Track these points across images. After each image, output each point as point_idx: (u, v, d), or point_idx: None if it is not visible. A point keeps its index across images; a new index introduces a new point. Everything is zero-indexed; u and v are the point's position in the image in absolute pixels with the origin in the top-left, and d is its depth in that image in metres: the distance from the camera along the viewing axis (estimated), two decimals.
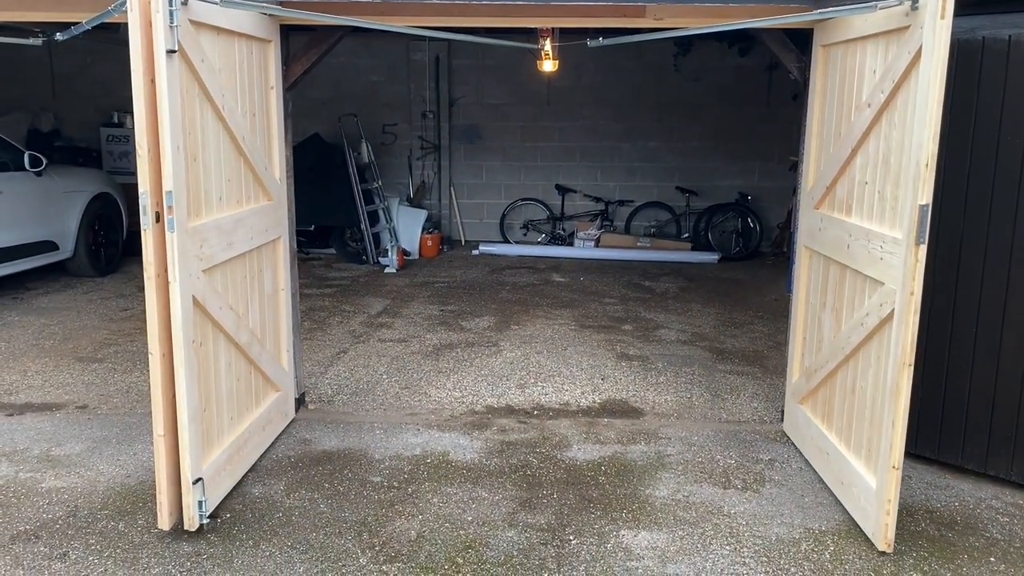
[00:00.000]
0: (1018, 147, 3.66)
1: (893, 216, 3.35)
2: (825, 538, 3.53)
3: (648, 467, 4.23)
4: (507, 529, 3.58)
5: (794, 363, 4.50)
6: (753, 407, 5.16)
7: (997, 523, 3.67)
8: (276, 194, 4.38)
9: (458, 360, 6.02)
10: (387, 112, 10.97)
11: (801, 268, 4.40)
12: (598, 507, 3.79)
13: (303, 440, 4.50)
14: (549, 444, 4.50)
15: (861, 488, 3.55)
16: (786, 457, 4.36)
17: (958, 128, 3.79)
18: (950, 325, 3.94)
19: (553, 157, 11.07)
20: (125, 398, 5.15)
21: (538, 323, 7.10)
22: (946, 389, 4.01)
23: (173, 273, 3.25)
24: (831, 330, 4.00)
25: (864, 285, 3.61)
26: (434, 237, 10.39)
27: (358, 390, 5.37)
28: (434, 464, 4.23)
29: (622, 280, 9.01)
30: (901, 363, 3.22)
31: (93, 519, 3.62)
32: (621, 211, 11.00)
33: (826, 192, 4.07)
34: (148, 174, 3.18)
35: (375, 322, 7.11)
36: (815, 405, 4.21)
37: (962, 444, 4.04)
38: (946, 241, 3.88)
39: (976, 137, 3.75)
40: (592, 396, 5.31)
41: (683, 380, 5.66)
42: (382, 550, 3.40)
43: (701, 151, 10.90)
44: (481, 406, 5.10)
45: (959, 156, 3.81)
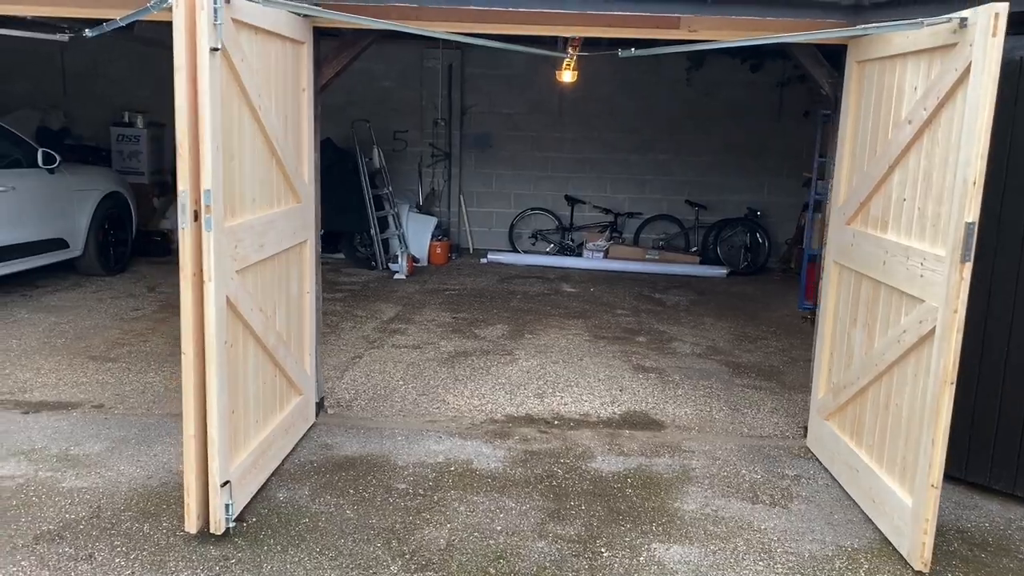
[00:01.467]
0: None
1: (935, 233, 3.34)
2: (858, 556, 3.50)
3: (674, 480, 4.20)
4: (537, 540, 3.55)
5: (820, 379, 4.48)
6: (774, 422, 5.13)
7: None
8: (304, 196, 4.35)
9: (474, 368, 5.99)
10: (399, 119, 10.95)
11: (830, 284, 4.38)
12: (627, 519, 3.76)
13: (324, 445, 4.45)
14: (572, 455, 4.47)
15: (895, 506, 3.53)
16: (812, 473, 4.33)
17: (995, 146, 3.77)
18: (980, 343, 3.93)
19: (564, 168, 11.07)
20: (141, 398, 5.10)
21: (552, 333, 7.07)
22: (975, 408, 3.98)
23: (209, 272, 3.21)
24: (862, 347, 3.98)
25: (901, 302, 3.59)
26: (443, 244, 10.36)
27: (376, 396, 5.33)
28: (458, 472, 4.19)
29: (632, 292, 8.99)
30: (943, 381, 3.20)
31: (117, 520, 3.57)
32: (630, 223, 10.99)
33: (859, 208, 4.05)
34: (188, 172, 3.15)
35: (388, 328, 7.07)
36: (843, 422, 4.19)
37: (991, 464, 4.02)
38: (980, 258, 3.86)
39: (1012, 154, 3.74)
40: (612, 407, 5.27)
41: (701, 393, 5.63)
42: (412, 558, 3.36)
43: (711, 165, 10.91)
44: (501, 415, 5.06)
45: (995, 173, 3.79)
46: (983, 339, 3.92)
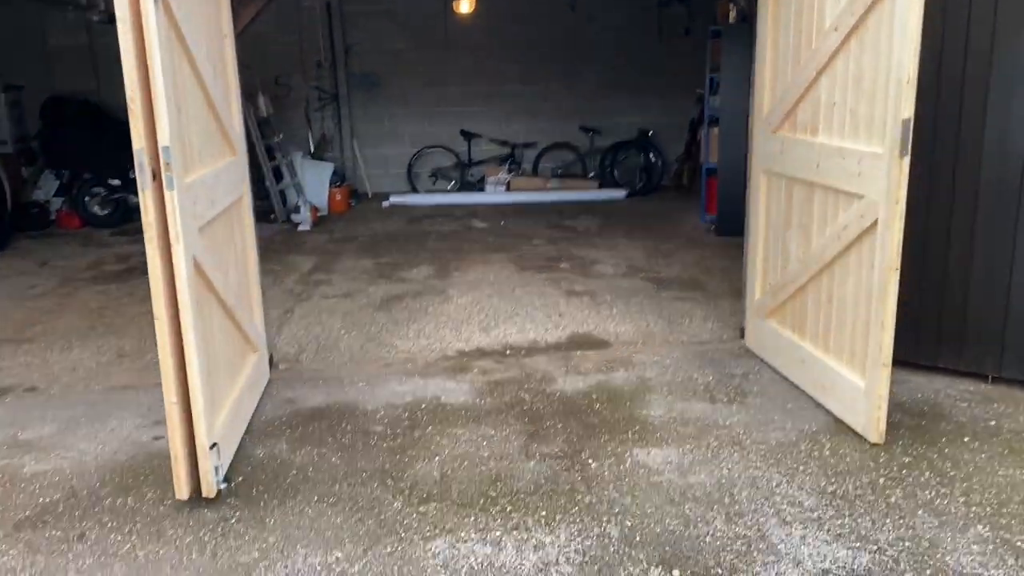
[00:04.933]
0: (984, 54, 3.94)
1: (870, 132, 3.58)
2: (819, 437, 3.81)
3: (635, 391, 4.41)
4: (526, 460, 3.68)
5: (755, 283, 4.76)
6: (709, 328, 5.42)
7: (959, 408, 4.06)
8: (239, 147, 4.20)
9: (411, 310, 6.00)
10: (280, 64, 10.51)
11: (759, 191, 4.62)
12: (603, 432, 3.94)
13: (287, 400, 4.40)
14: (534, 380, 4.60)
15: (846, 388, 3.85)
16: (757, 370, 4.64)
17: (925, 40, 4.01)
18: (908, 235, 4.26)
19: (456, 102, 10.97)
20: (74, 376, 4.86)
21: (477, 268, 7.13)
22: (898, 293, 4.34)
23: (176, 233, 3.09)
24: (799, 247, 4.25)
25: (838, 200, 3.86)
26: (343, 190, 10.15)
27: (321, 347, 5.27)
28: (430, 409, 4.25)
29: (541, 221, 9.13)
30: (888, 267, 3.49)
31: (97, 498, 3.45)
32: (527, 154, 11.08)
33: (786, 116, 4.28)
34: (142, 129, 2.99)
35: (311, 280, 6.94)
36: (784, 318, 4.48)
37: (915, 343, 4.42)
38: (919, 154, 4.12)
39: (946, 46, 3.98)
40: (556, 332, 5.43)
41: (635, 310, 5.86)
42: (412, 493, 3.43)
43: (600, 90, 11.06)
44: (452, 351, 5.12)
45: (927, 67, 4.03)
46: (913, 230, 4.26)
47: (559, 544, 3.04)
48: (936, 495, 3.30)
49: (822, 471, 3.50)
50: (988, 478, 3.42)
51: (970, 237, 4.15)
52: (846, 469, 3.52)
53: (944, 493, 3.31)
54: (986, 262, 4.14)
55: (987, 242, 4.12)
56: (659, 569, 2.88)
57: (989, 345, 4.25)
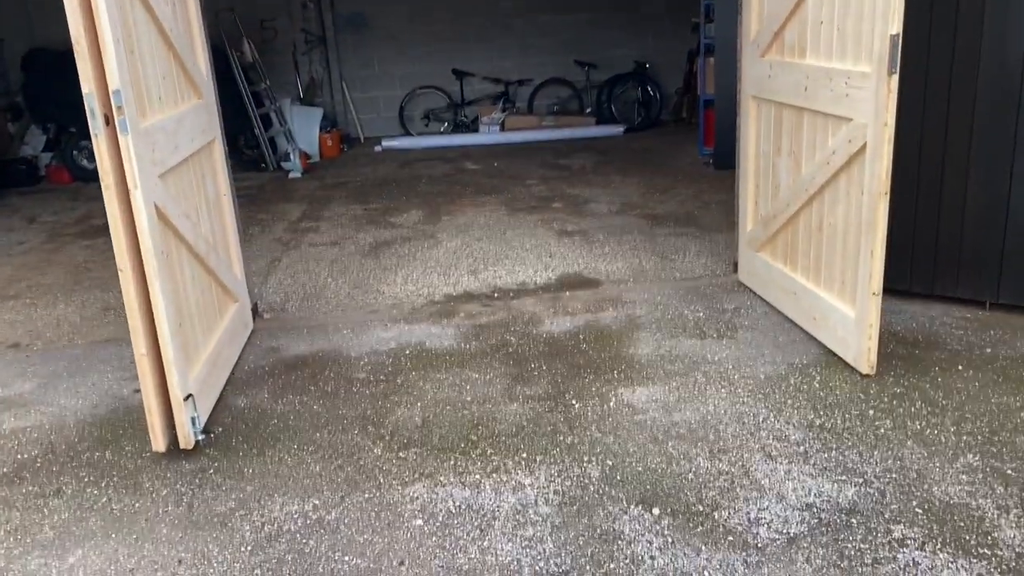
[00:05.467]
0: None
1: (858, 51, 3.41)
2: (809, 370, 3.73)
3: (623, 330, 4.32)
4: (509, 403, 3.61)
5: (747, 214, 4.63)
6: (702, 263, 5.31)
7: (954, 336, 3.96)
8: (205, 91, 4.05)
9: (399, 255, 5.90)
10: (264, 6, 10.23)
11: (749, 119, 4.46)
12: (589, 372, 3.86)
13: (271, 348, 4.34)
14: (521, 322, 4.52)
15: (837, 319, 3.75)
16: (749, 303, 4.53)
17: None
18: (894, 158, 4.10)
19: (447, 40, 10.68)
20: (58, 331, 4.80)
21: (468, 211, 7.00)
22: (892, 220, 4.20)
23: (133, 180, 2.98)
24: (789, 175, 4.11)
25: (827, 124, 3.70)
26: (334, 135, 9.97)
27: (307, 295, 5.19)
28: (414, 355, 4.18)
29: (536, 160, 8.95)
30: (878, 193, 3.36)
31: (75, 453, 3.41)
32: (522, 91, 10.82)
33: (774, 38, 4.09)
34: (90, 72, 2.86)
35: (299, 227, 6.84)
36: (775, 250, 4.36)
37: (910, 271, 4.31)
38: (910, 76, 3.95)
39: None
40: (546, 273, 5.33)
41: (627, 248, 5.75)
42: (392, 439, 3.37)
43: (594, 21, 10.74)
44: (440, 295, 5.04)
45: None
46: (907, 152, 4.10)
47: (538, 485, 2.99)
48: (926, 425, 3.22)
49: (810, 404, 3.43)
50: (981, 406, 3.33)
51: (966, 158, 3.99)
52: (835, 402, 3.44)
53: (935, 423, 3.23)
54: (983, 184, 4.00)
55: (984, 163, 3.96)
56: (639, 508, 2.82)
57: (986, 271, 4.13)
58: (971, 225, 4.08)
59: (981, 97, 3.87)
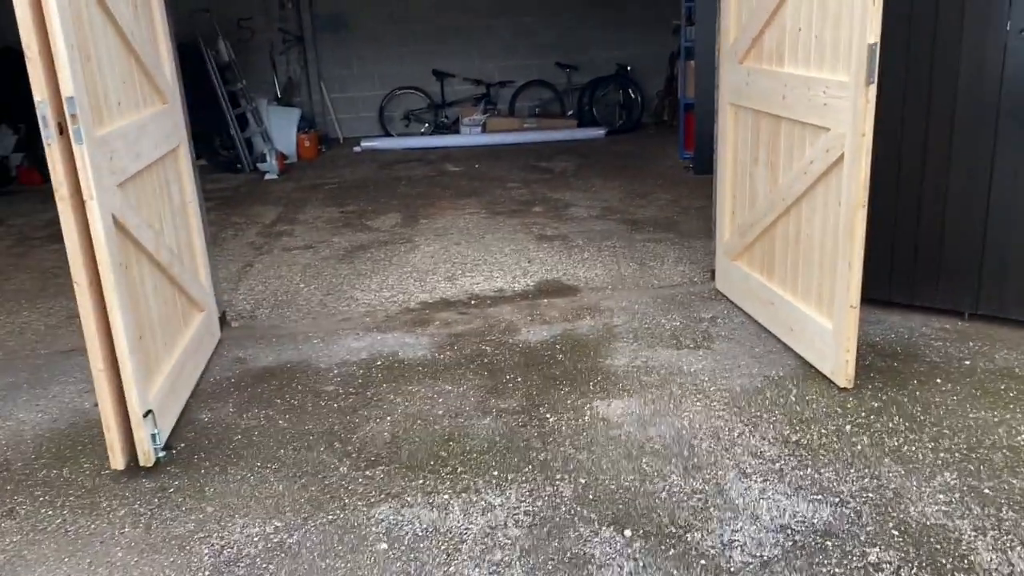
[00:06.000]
0: None
1: (835, 59, 3.35)
2: (785, 383, 3.67)
3: (600, 340, 4.25)
4: (482, 417, 3.53)
5: (724, 222, 4.56)
6: (680, 271, 5.25)
7: (933, 348, 3.91)
8: (170, 96, 3.94)
9: (375, 260, 5.80)
10: (241, 5, 10.09)
11: (727, 126, 4.39)
12: (564, 384, 3.79)
13: (237, 359, 4.24)
14: (497, 331, 4.43)
15: (815, 331, 3.69)
16: (726, 313, 4.47)
17: None
18: (873, 168, 4.05)
19: (427, 40, 10.58)
20: (21, 340, 4.67)
21: (447, 214, 6.92)
22: (872, 230, 4.14)
23: (89, 190, 2.87)
24: (766, 184, 4.05)
25: (804, 134, 3.64)
26: (311, 136, 9.85)
27: (278, 302, 5.09)
28: (386, 365, 4.09)
29: (517, 163, 8.88)
30: (855, 205, 3.30)
31: (31, 470, 3.30)
32: (503, 93, 10.74)
33: (752, 44, 4.03)
34: (43, 80, 2.75)
35: (273, 231, 6.73)
36: (752, 260, 4.30)
37: (889, 281, 4.26)
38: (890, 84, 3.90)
39: None
40: (524, 280, 5.25)
41: (606, 254, 5.68)
42: (359, 456, 3.28)
43: (576, 23, 10.68)
44: (415, 303, 4.95)
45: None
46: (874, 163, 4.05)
47: (508, 506, 2.91)
48: (904, 441, 3.17)
49: (787, 419, 3.36)
50: (959, 421, 3.28)
51: (946, 168, 3.95)
52: (812, 416, 3.38)
53: (912, 439, 3.18)
54: (962, 194, 3.95)
55: (964, 172, 3.92)
56: (610, 529, 2.75)
57: (965, 280, 4.09)
58: (950, 235, 4.03)
59: (960, 106, 3.82)
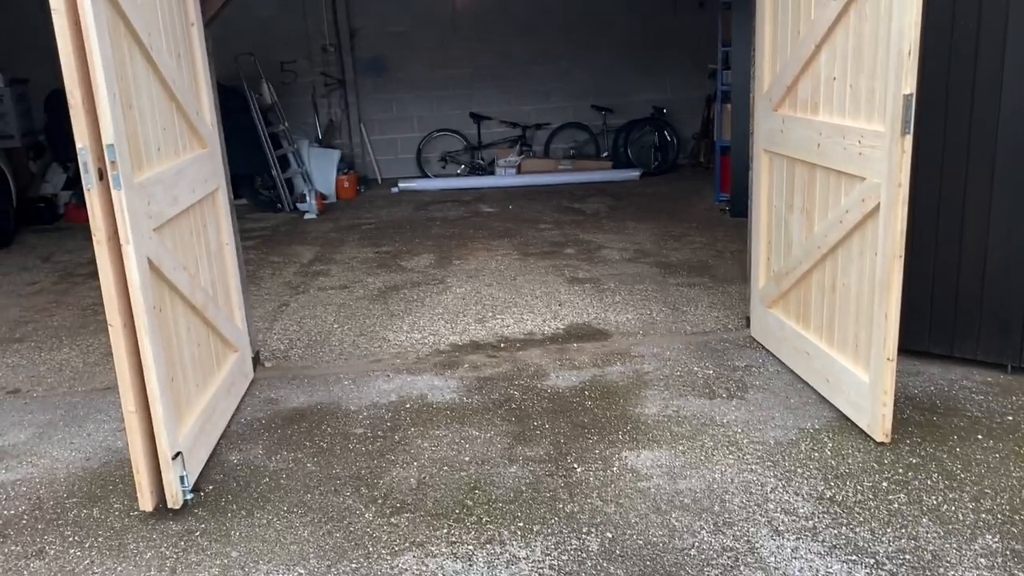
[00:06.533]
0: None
1: (871, 109, 3.32)
2: (821, 436, 3.58)
3: (631, 387, 4.20)
4: (508, 465, 3.49)
5: (759, 268, 4.51)
6: (714, 316, 5.19)
7: (974, 402, 3.80)
8: (210, 141, 4.03)
9: (408, 301, 5.83)
10: (284, 49, 10.33)
11: (761, 172, 4.37)
12: (593, 432, 3.74)
13: (269, 400, 4.26)
14: (526, 375, 4.41)
15: (851, 383, 3.61)
16: (761, 361, 4.40)
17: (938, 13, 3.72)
18: (912, 216, 3.98)
19: (465, 84, 10.73)
20: (59, 377, 4.76)
21: (479, 255, 6.94)
22: (911, 280, 4.07)
23: (126, 234, 2.93)
24: (801, 232, 4.00)
25: (840, 182, 3.60)
26: (351, 178, 9.99)
27: (311, 342, 5.13)
28: (415, 409, 4.08)
29: (551, 204, 8.90)
30: (892, 256, 3.24)
31: (62, 509, 3.33)
32: (539, 135, 10.82)
33: (787, 92, 4.01)
34: (85, 128, 2.83)
35: (310, 271, 6.80)
36: (788, 307, 4.24)
37: (929, 331, 4.16)
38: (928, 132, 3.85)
39: (956, 23, 3.69)
40: (554, 323, 5.23)
41: (638, 297, 5.64)
42: (385, 502, 3.26)
43: (612, 67, 10.76)
44: (445, 344, 4.95)
45: (940, 27, 3.75)
46: (913, 212, 3.98)
47: (534, 559, 2.86)
48: (943, 500, 3.07)
49: (821, 474, 3.28)
50: (1001, 480, 3.17)
51: (986, 217, 3.87)
52: (848, 471, 3.29)
53: (952, 498, 3.08)
54: (1004, 244, 3.86)
55: (1004, 223, 3.83)
56: None
57: (1008, 333, 3.98)
58: (991, 286, 3.94)
59: (1000, 156, 3.75)
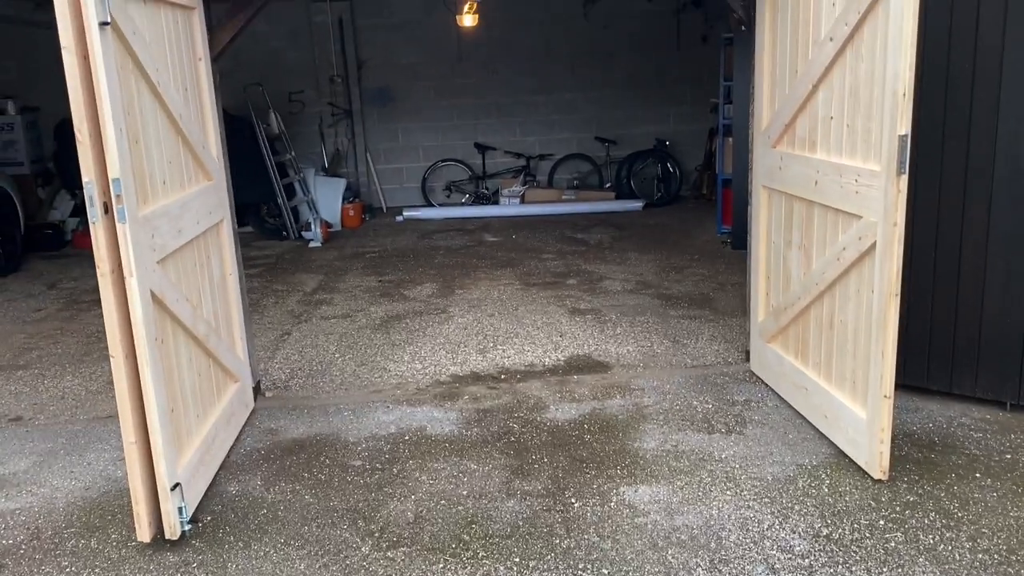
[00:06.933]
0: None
1: (867, 148, 3.36)
2: (819, 472, 3.58)
3: (630, 420, 4.21)
4: (506, 499, 3.50)
5: (758, 303, 4.53)
6: (715, 350, 5.20)
7: (972, 439, 3.80)
8: (215, 173, 4.09)
9: (410, 331, 5.86)
10: (293, 79, 10.46)
11: (760, 208, 4.40)
12: (591, 466, 3.75)
13: (269, 430, 4.28)
14: (526, 407, 4.42)
15: (849, 420, 3.61)
16: (760, 396, 4.41)
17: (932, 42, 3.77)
18: (909, 253, 4.01)
19: (470, 115, 10.84)
20: (62, 405, 4.78)
21: (482, 285, 6.98)
22: (909, 316, 4.10)
23: (129, 267, 2.97)
24: (800, 268, 4.03)
25: (837, 220, 3.63)
26: (356, 206, 10.07)
27: (313, 372, 5.15)
28: (413, 441, 4.09)
29: (554, 234, 8.95)
30: (888, 294, 3.26)
31: (60, 539, 3.34)
32: (543, 165, 10.91)
33: (785, 130, 4.06)
34: (91, 162, 2.88)
35: (313, 299, 6.84)
36: (786, 343, 4.26)
37: (927, 367, 4.17)
38: (925, 170, 3.89)
39: (953, 45, 3.73)
40: (555, 354, 5.24)
41: (639, 329, 5.66)
42: (382, 536, 3.27)
43: (616, 99, 10.87)
44: (446, 375, 4.97)
45: (936, 69, 3.80)
46: (911, 248, 4.01)
47: None
48: (940, 539, 3.06)
49: (818, 511, 3.28)
50: (998, 520, 3.16)
51: (983, 255, 3.89)
52: (845, 509, 3.28)
53: (949, 537, 3.07)
54: (1001, 280, 3.88)
55: (1002, 259, 3.85)
56: None
57: (1007, 370, 3.98)
58: (990, 322, 3.95)
59: (997, 195, 3.78)
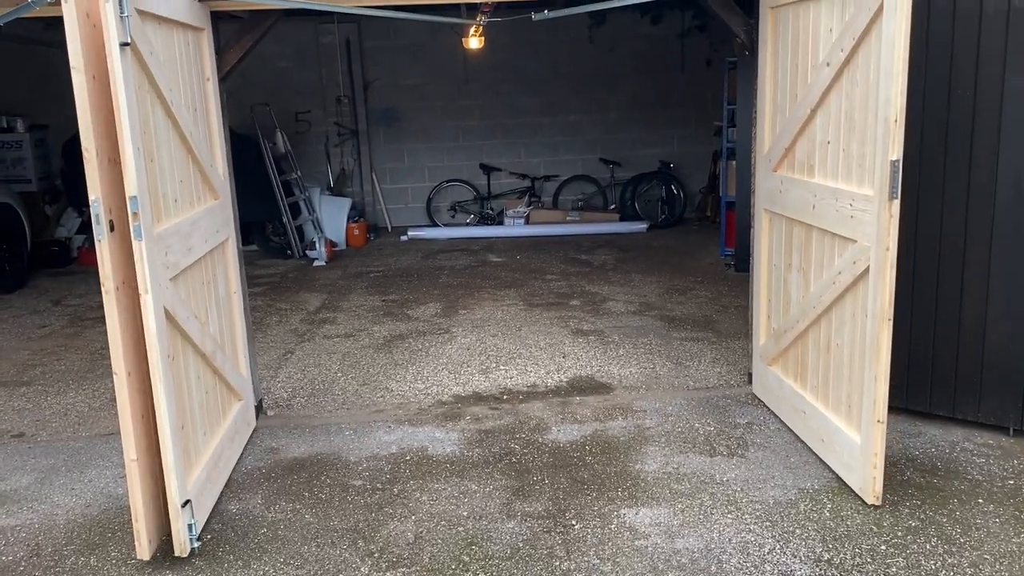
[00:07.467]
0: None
1: (861, 173, 3.39)
2: (820, 496, 3.58)
3: (631, 442, 4.21)
4: (506, 520, 3.50)
5: (759, 326, 4.55)
6: (717, 372, 5.21)
7: (975, 465, 3.80)
8: (222, 192, 4.13)
9: (412, 351, 5.87)
10: (300, 99, 10.55)
11: (761, 231, 4.43)
12: (592, 488, 3.75)
13: (270, 449, 4.29)
14: (527, 428, 4.43)
15: (844, 444, 3.61)
16: (762, 419, 4.41)
17: (932, 68, 3.81)
18: (911, 277, 4.04)
19: (475, 136, 10.91)
20: (64, 422, 4.80)
21: (485, 305, 7.00)
22: (911, 340, 4.11)
23: (144, 284, 3.01)
24: (799, 291, 4.04)
25: (834, 244, 3.65)
26: (360, 226, 10.11)
27: (315, 391, 5.16)
28: (414, 461, 4.09)
29: (558, 255, 8.98)
30: (880, 318, 3.27)
31: (60, 557, 3.35)
32: (547, 186, 10.96)
33: (785, 154, 4.09)
34: (98, 180, 2.92)
35: (316, 318, 6.86)
36: (786, 366, 4.26)
37: (930, 392, 4.17)
38: (925, 192, 3.91)
39: (954, 72, 3.77)
40: (557, 375, 5.25)
41: (642, 351, 5.67)
42: (381, 556, 3.27)
43: (620, 122, 10.94)
44: (448, 396, 4.98)
45: (936, 96, 3.83)
46: (913, 273, 4.03)
47: None
48: (942, 565, 3.05)
49: (819, 536, 3.27)
50: (1000, 546, 3.15)
51: (985, 280, 3.90)
52: (846, 533, 3.28)
53: (951, 563, 3.06)
54: (1003, 305, 3.89)
55: (1004, 283, 3.86)
56: None
57: (1010, 395, 3.98)
58: (992, 347, 3.95)
59: (999, 219, 3.80)
